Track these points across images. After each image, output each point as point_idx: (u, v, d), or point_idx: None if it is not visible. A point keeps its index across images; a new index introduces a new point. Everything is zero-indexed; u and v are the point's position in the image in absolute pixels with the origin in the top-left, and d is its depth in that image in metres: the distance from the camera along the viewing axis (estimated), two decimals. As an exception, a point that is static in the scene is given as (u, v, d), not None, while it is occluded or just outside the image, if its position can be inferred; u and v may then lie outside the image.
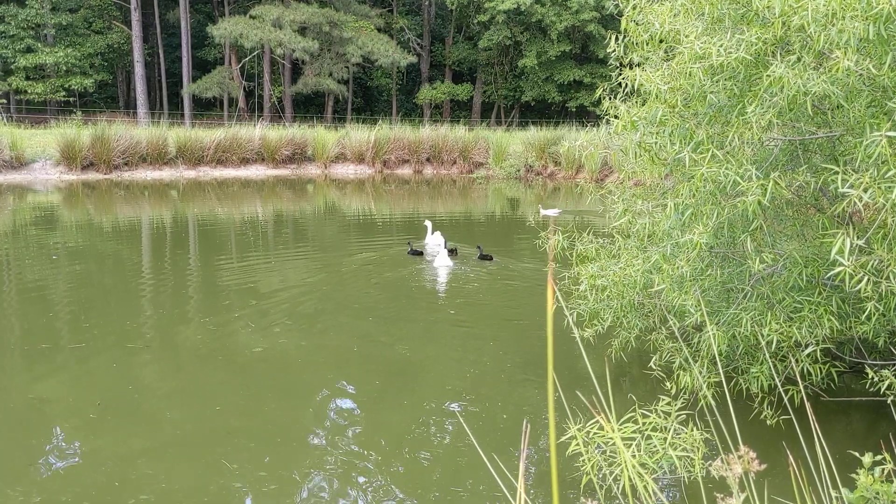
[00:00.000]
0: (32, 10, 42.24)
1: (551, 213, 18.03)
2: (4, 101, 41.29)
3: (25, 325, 8.53)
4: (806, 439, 2.73)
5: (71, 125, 28.74)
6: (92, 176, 25.49)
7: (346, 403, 6.61)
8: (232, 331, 8.43)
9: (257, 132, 29.47)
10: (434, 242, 13.80)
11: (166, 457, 5.52)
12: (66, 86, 43.57)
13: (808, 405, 2.29)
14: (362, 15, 46.56)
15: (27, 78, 43.06)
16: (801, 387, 2.62)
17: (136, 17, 43.43)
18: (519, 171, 29.83)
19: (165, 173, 26.93)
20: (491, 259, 13.15)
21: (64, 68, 43.11)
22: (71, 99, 45.43)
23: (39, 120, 39.60)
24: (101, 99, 52.53)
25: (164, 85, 49.55)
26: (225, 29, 40.48)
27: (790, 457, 2.22)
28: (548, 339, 1.29)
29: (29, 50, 42.75)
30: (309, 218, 18.78)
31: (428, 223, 14.35)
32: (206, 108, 51.58)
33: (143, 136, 27.08)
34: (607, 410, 2.16)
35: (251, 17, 41.85)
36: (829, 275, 4.41)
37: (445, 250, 12.60)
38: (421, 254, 13.20)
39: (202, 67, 50.54)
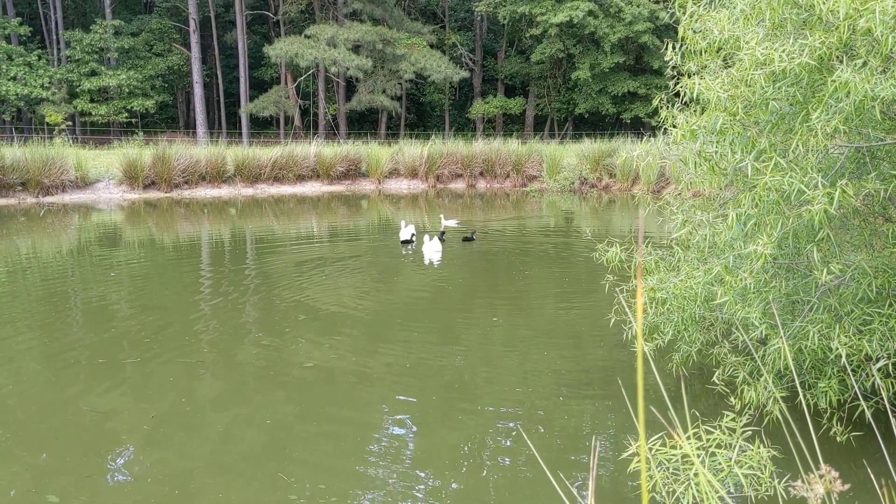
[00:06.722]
0: (96, 34, 43.76)
1: (451, 223, 19.03)
2: (70, 122, 42.67)
3: (87, 341, 8.73)
4: (891, 455, 2.61)
5: (133, 145, 29.52)
6: (153, 194, 26.13)
7: (402, 417, 6.59)
8: (284, 346, 8.49)
9: (312, 149, 29.86)
10: (410, 233, 15.94)
11: (222, 469, 5.57)
12: (129, 107, 44.92)
13: (894, 422, 2.17)
14: (415, 32, 46.99)
15: (91, 100, 44.52)
16: (886, 400, 2.49)
17: (194, 39, 44.59)
18: (573, 183, 29.62)
19: (224, 191, 27.46)
20: (473, 240, 15.46)
21: (126, 90, 44.48)
22: (133, 120, 46.77)
23: (103, 141, 40.85)
24: (162, 119, 54.00)
25: (222, 105, 50.70)
26: (281, 49, 41.25)
27: (871, 474, 2.12)
28: (638, 364, 1.25)
29: (93, 73, 44.25)
30: (363, 232, 18.91)
31: (402, 222, 16.38)
32: (263, 127, 52.63)
33: (202, 156, 27.67)
34: (673, 426, 2.09)
35: (306, 36, 42.57)
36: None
37: (430, 238, 14.69)
38: (412, 242, 15.71)
39: (259, 87, 51.57)
